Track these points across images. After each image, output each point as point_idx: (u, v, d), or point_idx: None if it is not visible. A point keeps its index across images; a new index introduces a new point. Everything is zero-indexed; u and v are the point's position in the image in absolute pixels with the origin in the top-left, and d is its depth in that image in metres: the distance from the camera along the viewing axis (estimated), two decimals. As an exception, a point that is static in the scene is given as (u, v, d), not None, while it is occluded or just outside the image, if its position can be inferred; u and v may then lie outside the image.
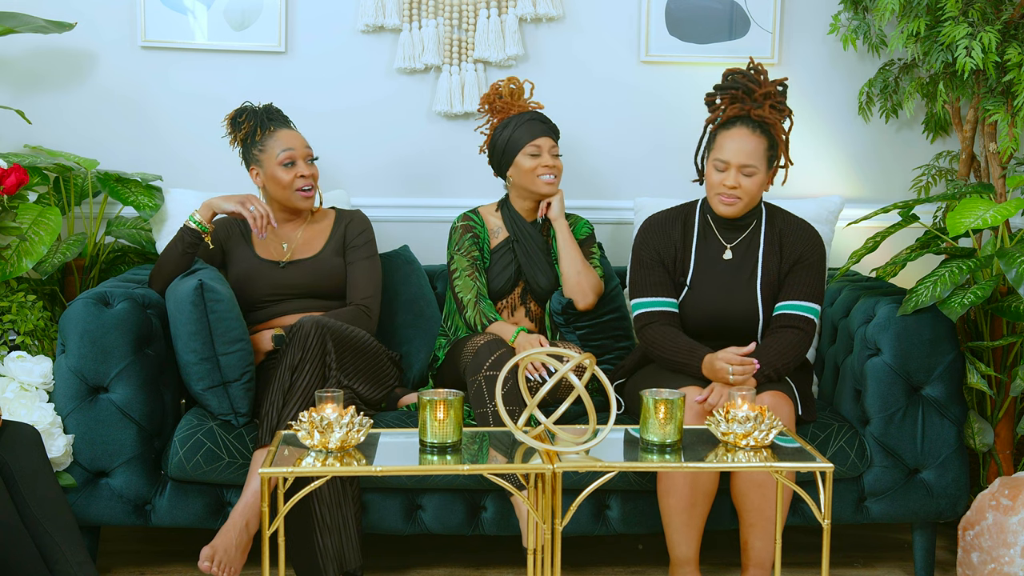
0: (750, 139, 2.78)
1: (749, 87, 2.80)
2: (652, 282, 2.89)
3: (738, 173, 2.79)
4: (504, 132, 3.11)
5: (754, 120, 2.79)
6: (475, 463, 2.20)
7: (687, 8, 3.58)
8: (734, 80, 2.82)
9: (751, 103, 2.79)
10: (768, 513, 2.65)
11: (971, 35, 2.95)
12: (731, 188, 2.80)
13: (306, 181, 3.05)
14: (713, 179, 2.83)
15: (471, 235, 3.12)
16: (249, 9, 3.54)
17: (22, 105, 3.46)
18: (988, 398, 2.99)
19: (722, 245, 2.90)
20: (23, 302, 2.97)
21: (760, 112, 2.78)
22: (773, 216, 2.94)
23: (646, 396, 2.27)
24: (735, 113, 2.80)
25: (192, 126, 3.56)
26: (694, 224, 2.93)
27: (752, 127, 2.79)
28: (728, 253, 2.89)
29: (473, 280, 3.06)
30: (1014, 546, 2.68)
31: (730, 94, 2.81)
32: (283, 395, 2.72)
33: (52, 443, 2.71)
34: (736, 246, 2.90)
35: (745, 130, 2.79)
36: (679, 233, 2.92)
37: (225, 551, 2.60)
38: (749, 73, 2.83)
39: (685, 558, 2.68)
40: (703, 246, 2.91)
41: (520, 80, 3.20)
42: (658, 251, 2.91)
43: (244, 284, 3.02)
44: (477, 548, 3.14)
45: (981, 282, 2.82)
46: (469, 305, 3.03)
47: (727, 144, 2.79)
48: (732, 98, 2.81)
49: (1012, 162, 3.24)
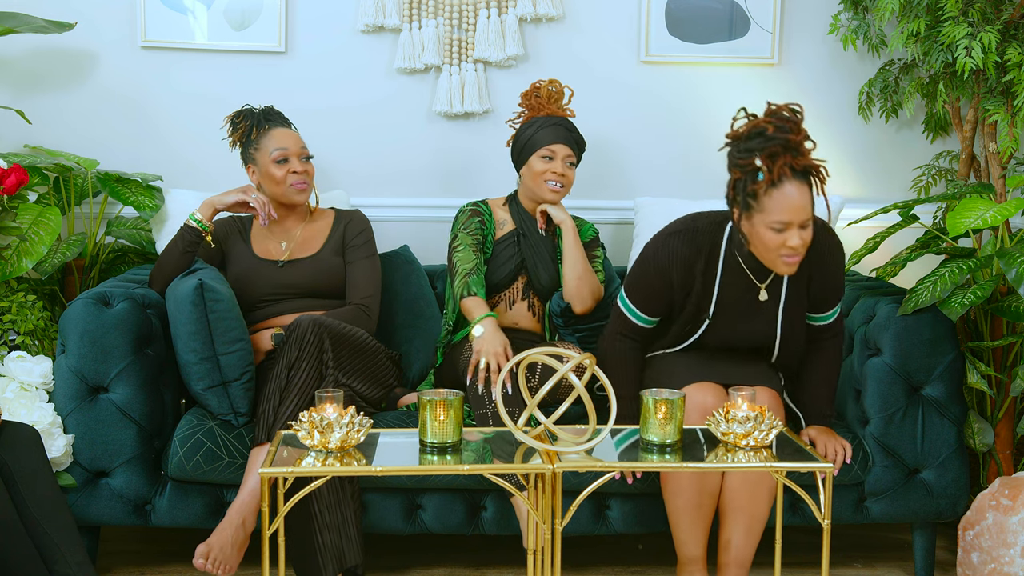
0: (801, 191, 2.51)
1: (787, 139, 2.49)
2: (647, 295, 2.76)
3: (799, 230, 2.54)
4: (528, 131, 3.11)
5: (798, 171, 2.52)
6: (475, 463, 2.20)
7: (687, 8, 3.58)
8: (770, 137, 2.50)
9: (794, 155, 2.50)
10: (755, 512, 2.66)
11: (971, 35, 2.95)
12: (795, 248, 2.54)
13: (299, 177, 3.06)
14: (772, 241, 2.54)
15: (479, 219, 3.12)
16: (249, 9, 3.54)
17: (22, 105, 3.46)
18: (988, 398, 2.99)
19: (754, 285, 2.72)
20: (23, 302, 2.97)
21: (805, 162, 2.51)
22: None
23: (646, 396, 2.27)
24: (784, 172, 2.50)
25: (192, 126, 3.56)
26: (718, 260, 2.72)
27: (800, 179, 2.51)
28: (764, 294, 2.71)
29: (475, 255, 3.06)
30: (1014, 546, 2.68)
31: (768, 151, 2.49)
32: (280, 393, 2.72)
33: (52, 443, 2.71)
34: (769, 285, 2.73)
35: (795, 184, 2.50)
36: (701, 268, 2.72)
37: (221, 548, 2.60)
38: (778, 124, 2.50)
39: (693, 557, 2.69)
40: (729, 283, 2.72)
41: (561, 85, 3.19)
42: (669, 277, 2.73)
43: (243, 283, 3.03)
44: (477, 548, 3.14)
45: (981, 282, 2.82)
46: (461, 274, 3.02)
47: (781, 205, 2.50)
48: (770, 154, 2.49)
49: (1012, 162, 3.24)
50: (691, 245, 2.72)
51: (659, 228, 3.45)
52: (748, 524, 2.66)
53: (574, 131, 3.12)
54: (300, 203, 3.11)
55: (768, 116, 2.52)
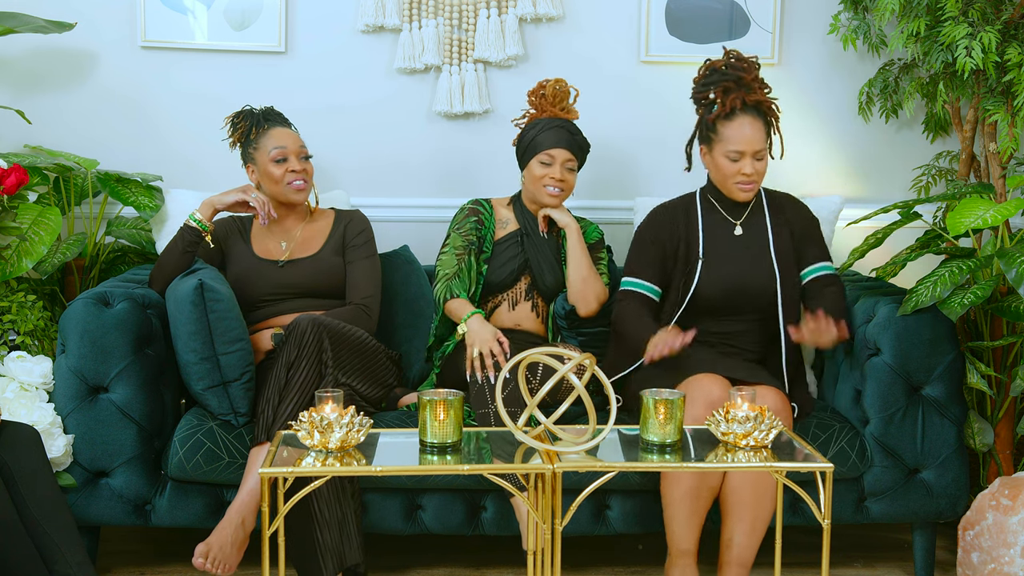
0: (755, 125, 2.90)
1: (740, 76, 2.91)
2: (644, 263, 3.00)
3: (752, 159, 2.91)
4: (531, 132, 3.09)
5: (751, 106, 2.90)
6: (475, 463, 2.20)
7: (687, 8, 3.58)
8: (724, 72, 2.92)
9: (746, 91, 2.90)
10: (758, 511, 2.66)
11: (971, 35, 2.95)
12: (749, 175, 2.91)
13: (297, 176, 3.06)
14: (728, 169, 2.92)
15: (476, 219, 3.12)
16: (249, 9, 3.54)
17: (22, 105, 3.46)
18: (988, 398, 2.99)
19: (730, 222, 3.01)
20: (23, 302, 2.97)
21: (757, 97, 2.91)
22: (767, 192, 3.07)
23: (646, 396, 2.27)
24: (734, 102, 2.89)
25: (192, 126, 3.56)
26: (697, 209, 3.03)
27: (754, 114, 2.91)
28: (738, 229, 3.00)
29: (459, 260, 3.05)
30: (1014, 546, 2.68)
31: (722, 86, 2.90)
32: (279, 393, 2.72)
33: (52, 443, 2.71)
34: (743, 222, 3.00)
35: (748, 118, 2.90)
36: (682, 218, 3.02)
37: (220, 548, 2.60)
38: (732, 62, 2.93)
39: (684, 550, 2.69)
40: (710, 225, 3.01)
41: (567, 84, 3.17)
42: (659, 235, 3.00)
43: (243, 283, 3.03)
44: (477, 548, 3.14)
45: (981, 282, 2.82)
46: (442, 279, 3.03)
47: (736, 134, 2.89)
48: (725, 89, 2.90)
49: (1012, 162, 3.24)
50: (668, 208, 3.07)
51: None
52: (751, 523, 2.66)
53: (577, 134, 3.10)
54: (299, 202, 3.11)
55: (725, 57, 2.93)
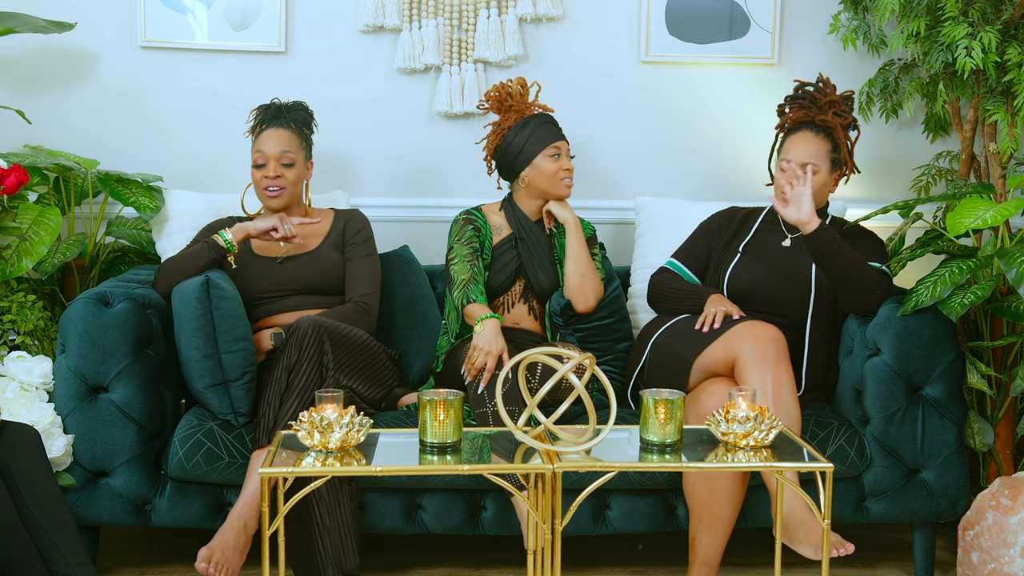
0: (813, 141, 3.00)
1: (815, 96, 3.05)
2: (691, 252, 3.17)
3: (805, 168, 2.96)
4: (522, 133, 3.08)
5: (818, 125, 3.02)
6: (475, 463, 2.20)
7: (687, 8, 3.58)
8: (803, 91, 3.08)
9: (815, 110, 3.04)
10: (716, 510, 2.68)
11: (971, 35, 2.95)
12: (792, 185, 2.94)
13: (271, 182, 3.05)
14: (779, 176, 3.01)
15: (472, 227, 3.12)
16: (249, 9, 3.54)
17: (22, 105, 3.46)
18: (988, 398, 2.99)
19: (784, 234, 3.09)
20: (23, 302, 2.97)
21: (823, 118, 3.02)
22: (841, 220, 3.13)
23: (646, 396, 2.27)
24: (800, 118, 3.04)
25: (193, 126, 3.56)
26: (759, 216, 3.16)
27: (815, 131, 3.02)
28: (787, 241, 3.08)
29: (471, 266, 3.05)
30: (1014, 546, 2.69)
31: (798, 103, 3.07)
32: (280, 396, 2.72)
33: (52, 443, 2.71)
34: (797, 238, 3.07)
35: (809, 133, 3.01)
36: (743, 219, 3.16)
37: (223, 552, 2.60)
38: (817, 85, 3.08)
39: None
40: (763, 230, 3.12)
41: (528, 82, 3.18)
42: (716, 228, 3.16)
43: (242, 280, 3.02)
44: (477, 548, 3.14)
45: (981, 282, 2.82)
46: (459, 285, 3.03)
47: (792, 146, 3.01)
48: (800, 107, 3.06)
49: (1012, 162, 3.24)
50: (738, 209, 3.22)
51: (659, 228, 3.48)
52: (709, 523, 2.69)
53: (558, 124, 3.14)
54: (273, 208, 3.09)
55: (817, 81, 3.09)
